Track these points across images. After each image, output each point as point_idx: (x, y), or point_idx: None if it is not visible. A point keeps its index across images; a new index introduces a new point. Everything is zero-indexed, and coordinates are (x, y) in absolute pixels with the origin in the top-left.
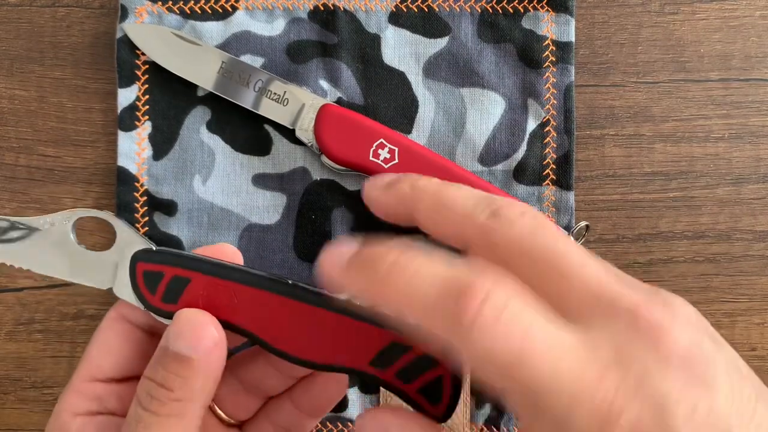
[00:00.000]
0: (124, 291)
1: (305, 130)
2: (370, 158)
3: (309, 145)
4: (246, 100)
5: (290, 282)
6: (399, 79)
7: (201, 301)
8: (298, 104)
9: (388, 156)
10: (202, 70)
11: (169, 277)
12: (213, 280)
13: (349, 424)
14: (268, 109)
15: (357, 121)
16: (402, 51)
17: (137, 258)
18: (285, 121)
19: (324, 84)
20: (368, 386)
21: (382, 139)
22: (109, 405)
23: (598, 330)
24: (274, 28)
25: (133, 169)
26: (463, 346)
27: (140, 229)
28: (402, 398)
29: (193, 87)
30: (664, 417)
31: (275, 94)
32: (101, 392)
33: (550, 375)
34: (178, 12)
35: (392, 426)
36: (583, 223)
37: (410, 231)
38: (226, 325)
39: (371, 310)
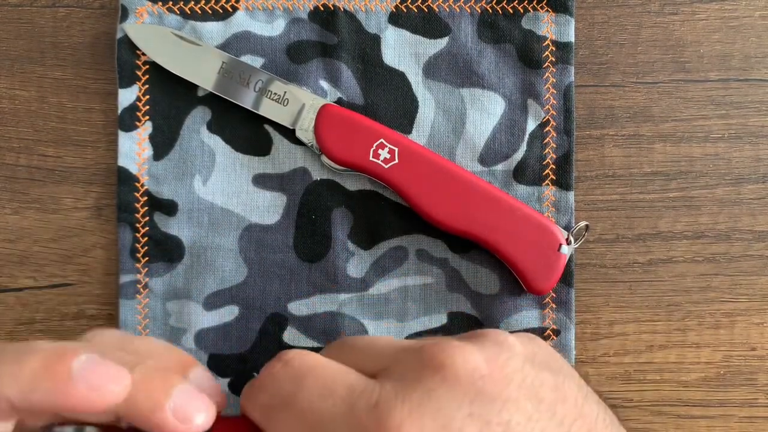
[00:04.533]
0: None
1: (305, 131)
2: (370, 158)
3: (309, 145)
4: (246, 101)
5: None
6: (399, 79)
7: None
8: (298, 104)
9: (388, 156)
10: (202, 71)
11: None
12: None
13: None
14: (268, 109)
15: (357, 121)
16: (402, 51)
17: None
18: (285, 122)
19: (324, 84)
20: None
21: (382, 139)
22: None
23: (391, 369)
24: (274, 28)
25: (133, 169)
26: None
27: (140, 229)
28: None
29: (193, 87)
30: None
31: (275, 94)
32: None
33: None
34: (178, 12)
35: None
36: (582, 223)
37: (412, 231)
38: None
39: None
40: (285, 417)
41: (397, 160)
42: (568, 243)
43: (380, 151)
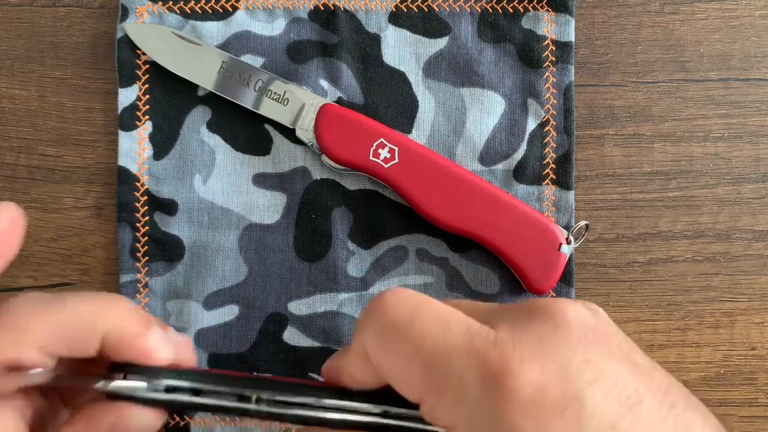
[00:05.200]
0: None
1: (305, 130)
2: (370, 158)
3: (309, 144)
4: (246, 100)
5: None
6: (399, 78)
7: None
8: (298, 104)
9: (388, 155)
10: (202, 70)
11: None
12: None
13: None
14: (268, 108)
15: (357, 121)
16: (402, 51)
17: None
18: (285, 121)
19: (324, 84)
20: None
21: (382, 139)
22: None
23: (497, 320)
24: (275, 28)
25: (133, 168)
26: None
27: (141, 228)
28: None
29: (193, 87)
30: (567, 378)
31: (275, 93)
32: None
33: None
34: (178, 12)
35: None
36: (582, 223)
37: (413, 230)
38: None
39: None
40: (399, 343)
41: (397, 160)
42: (568, 242)
43: (380, 150)
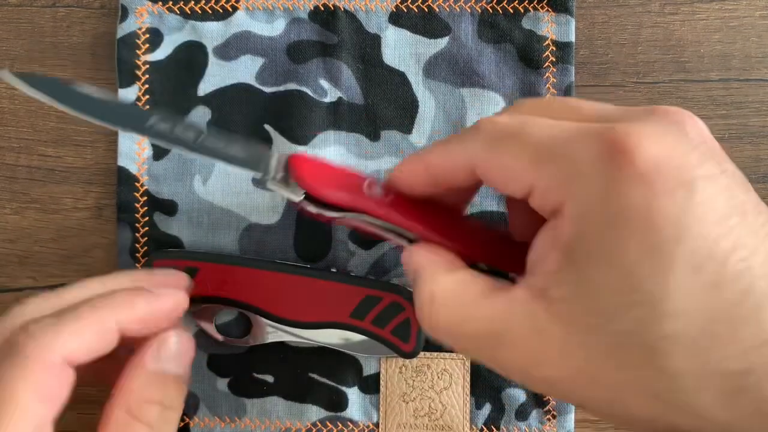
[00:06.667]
0: None
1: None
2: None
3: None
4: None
5: (277, 261)
6: (399, 79)
7: (209, 285)
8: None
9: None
10: None
11: (181, 268)
12: (216, 266)
13: (349, 423)
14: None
15: (334, 165)
16: (402, 51)
17: (154, 257)
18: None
19: (324, 84)
20: (368, 386)
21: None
22: None
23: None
24: (275, 28)
25: (133, 169)
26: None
27: (140, 229)
28: (379, 341)
29: (193, 87)
30: (684, 165)
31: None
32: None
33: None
34: (178, 12)
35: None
36: None
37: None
38: (227, 301)
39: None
40: (511, 144)
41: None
42: None
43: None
